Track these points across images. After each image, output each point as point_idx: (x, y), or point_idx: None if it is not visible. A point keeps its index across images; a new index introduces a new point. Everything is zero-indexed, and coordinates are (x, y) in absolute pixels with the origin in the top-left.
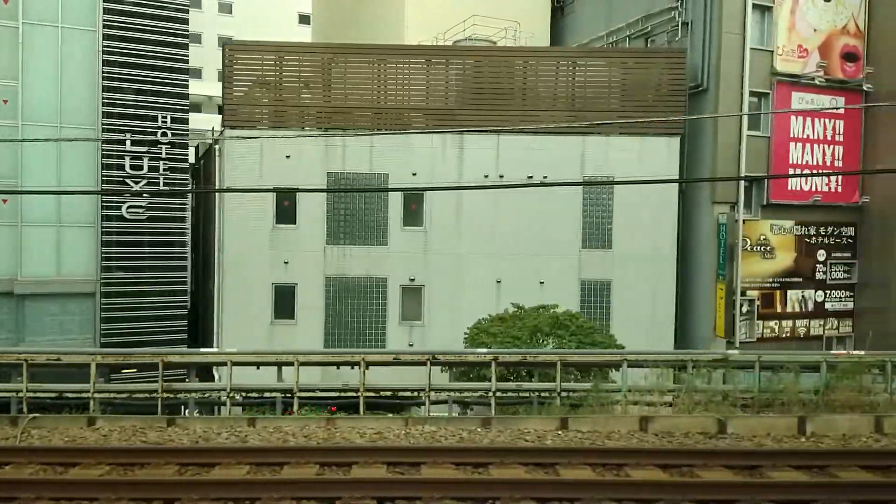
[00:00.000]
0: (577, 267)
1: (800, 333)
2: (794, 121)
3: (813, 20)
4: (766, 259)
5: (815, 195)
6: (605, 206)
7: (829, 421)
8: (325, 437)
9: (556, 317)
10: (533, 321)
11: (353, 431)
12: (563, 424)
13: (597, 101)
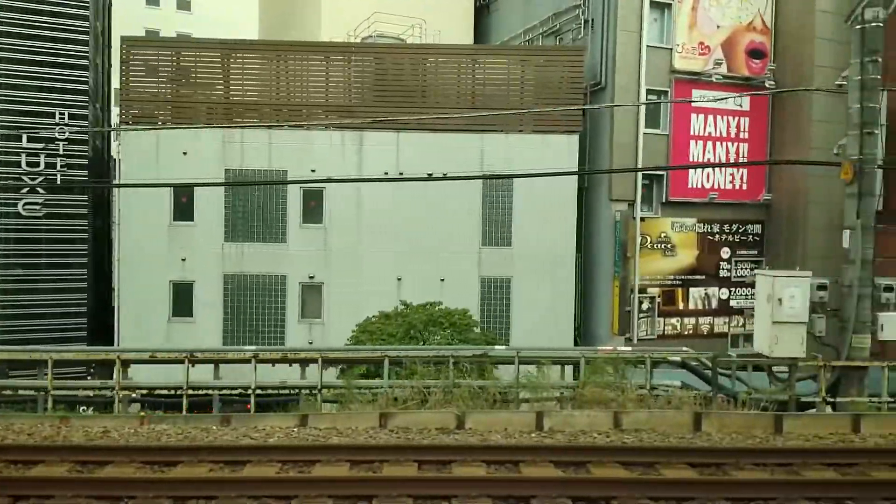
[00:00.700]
0: (477, 264)
1: (703, 331)
2: (694, 119)
3: (716, 17)
4: (667, 257)
5: (712, 192)
6: (505, 204)
7: (568, 417)
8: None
9: (431, 314)
10: (412, 319)
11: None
12: (301, 422)
13: (497, 98)
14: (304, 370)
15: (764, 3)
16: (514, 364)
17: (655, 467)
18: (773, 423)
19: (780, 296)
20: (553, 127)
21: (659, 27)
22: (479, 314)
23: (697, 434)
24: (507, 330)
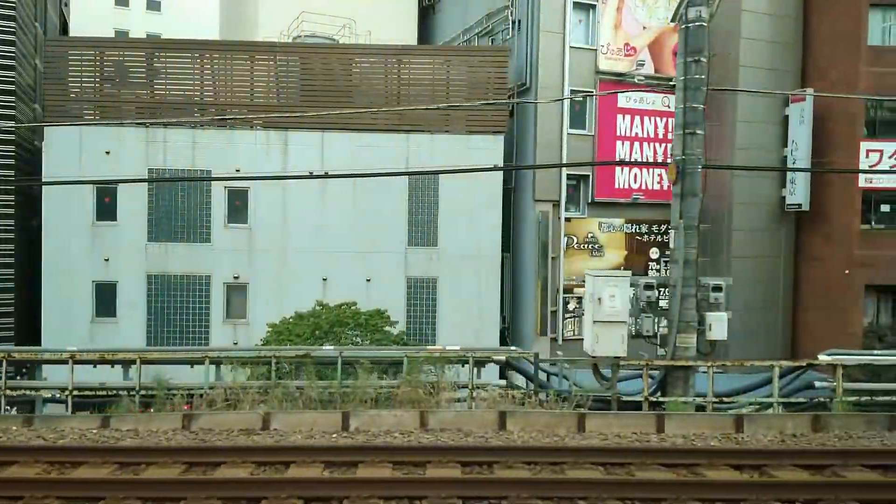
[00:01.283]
0: (403, 264)
1: (630, 331)
2: (620, 119)
3: (642, 18)
4: (595, 257)
5: (636, 193)
6: (432, 205)
7: (375, 417)
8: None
9: (339, 314)
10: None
11: None
12: (104, 424)
13: (423, 99)
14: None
15: None
16: (338, 364)
17: (426, 466)
18: (576, 422)
19: (600, 295)
20: (479, 127)
21: (584, 28)
22: (405, 314)
23: (500, 433)
24: (433, 330)
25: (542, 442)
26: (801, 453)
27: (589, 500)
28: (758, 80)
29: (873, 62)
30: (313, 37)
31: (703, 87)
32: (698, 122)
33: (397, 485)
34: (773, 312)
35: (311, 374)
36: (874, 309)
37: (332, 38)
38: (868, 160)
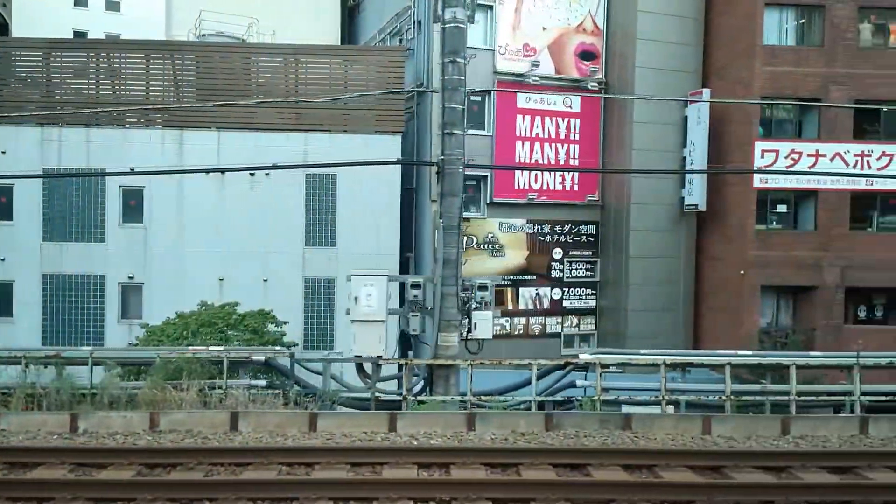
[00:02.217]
0: (301, 265)
1: (535, 331)
2: (520, 120)
3: (542, 19)
4: (495, 257)
5: (531, 193)
6: (330, 205)
7: (105, 418)
8: None
9: (211, 315)
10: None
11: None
12: None
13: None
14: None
15: (595, 5)
16: (90, 363)
17: (107, 468)
18: (308, 422)
19: (357, 294)
20: (378, 127)
21: (482, 28)
22: (302, 315)
23: (231, 433)
24: (331, 331)
25: (265, 443)
26: (503, 452)
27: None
28: (655, 81)
29: (768, 62)
30: (220, 35)
31: (460, 87)
32: (457, 122)
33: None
34: (674, 313)
35: (62, 374)
36: (773, 309)
37: (238, 38)
38: (763, 160)
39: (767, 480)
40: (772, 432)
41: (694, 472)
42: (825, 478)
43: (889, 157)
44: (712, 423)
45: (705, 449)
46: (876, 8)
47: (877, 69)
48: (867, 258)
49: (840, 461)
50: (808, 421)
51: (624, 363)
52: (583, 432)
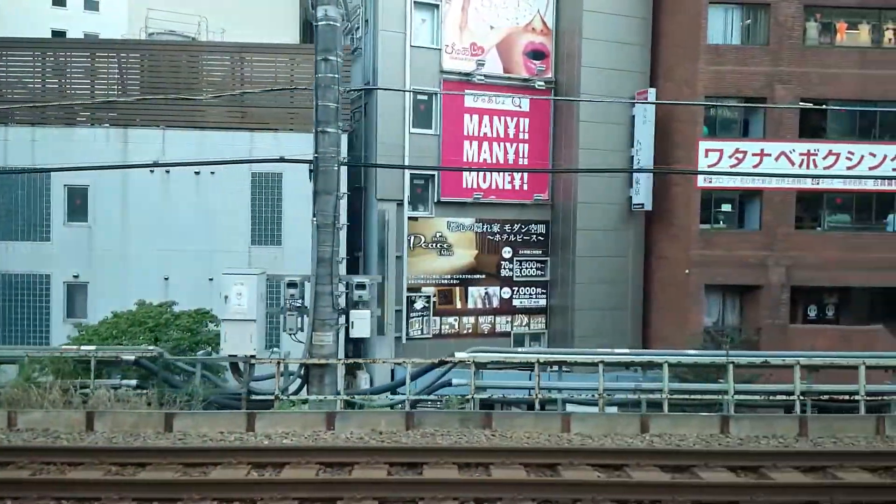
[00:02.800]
0: (247, 263)
1: (483, 330)
2: (467, 119)
3: (489, 18)
4: (443, 256)
5: (477, 192)
6: (275, 204)
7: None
8: None
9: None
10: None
11: None
12: None
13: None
14: None
15: (545, 5)
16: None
17: None
18: (164, 422)
19: (227, 293)
20: None
21: (429, 27)
22: None
23: (86, 433)
24: (277, 331)
25: (114, 443)
26: (344, 451)
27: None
28: (602, 81)
29: (712, 61)
30: (171, 34)
31: (333, 85)
32: (330, 120)
33: None
34: (623, 312)
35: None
36: (719, 308)
37: (188, 36)
38: (708, 159)
39: (593, 479)
40: (632, 430)
41: (526, 469)
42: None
43: (836, 156)
44: (571, 422)
45: (545, 447)
46: (821, 6)
47: (822, 68)
48: (813, 258)
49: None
50: (669, 419)
51: (499, 361)
52: (442, 431)
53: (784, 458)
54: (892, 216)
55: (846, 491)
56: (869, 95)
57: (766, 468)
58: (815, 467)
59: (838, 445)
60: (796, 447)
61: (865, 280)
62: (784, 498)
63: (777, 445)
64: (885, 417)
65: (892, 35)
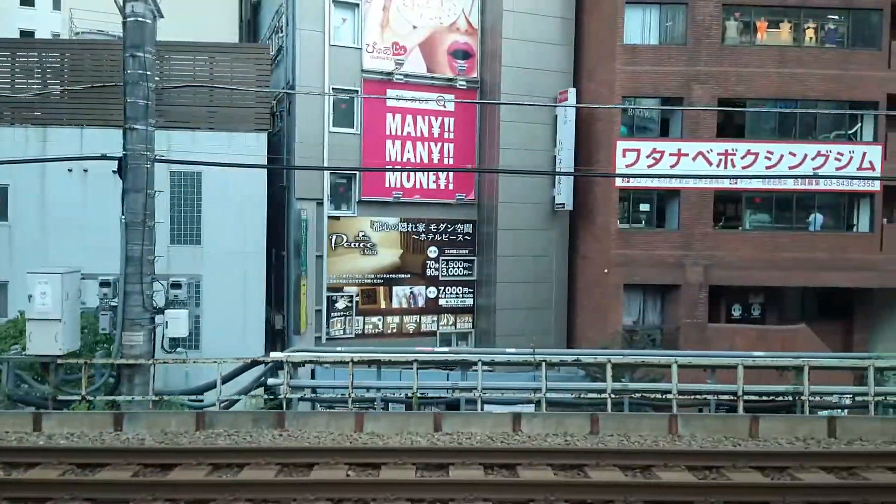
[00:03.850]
0: (166, 263)
1: (409, 329)
2: (390, 118)
3: (412, 18)
4: (367, 255)
5: (396, 192)
6: (194, 203)
7: None
8: None
9: None
10: None
11: None
12: None
13: (185, 95)
14: None
15: (469, 4)
16: None
17: None
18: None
19: (31, 292)
20: (244, 125)
21: (350, 27)
22: None
23: None
24: (197, 330)
25: None
26: (87, 452)
27: None
28: (524, 80)
29: (629, 61)
30: (101, 33)
31: (142, 82)
32: (139, 116)
33: None
34: (547, 311)
35: None
36: (640, 307)
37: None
38: (625, 159)
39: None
40: (424, 429)
41: (272, 469)
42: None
43: (754, 156)
44: (365, 421)
45: (304, 448)
46: (740, 5)
47: (741, 67)
48: (731, 257)
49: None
50: (462, 417)
51: (313, 361)
52: (231, 431)
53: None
54: (814, 216)
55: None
56: (788, 95)
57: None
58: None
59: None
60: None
61: (785, 280)
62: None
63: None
64: (677, 416)
65: (812, 34)
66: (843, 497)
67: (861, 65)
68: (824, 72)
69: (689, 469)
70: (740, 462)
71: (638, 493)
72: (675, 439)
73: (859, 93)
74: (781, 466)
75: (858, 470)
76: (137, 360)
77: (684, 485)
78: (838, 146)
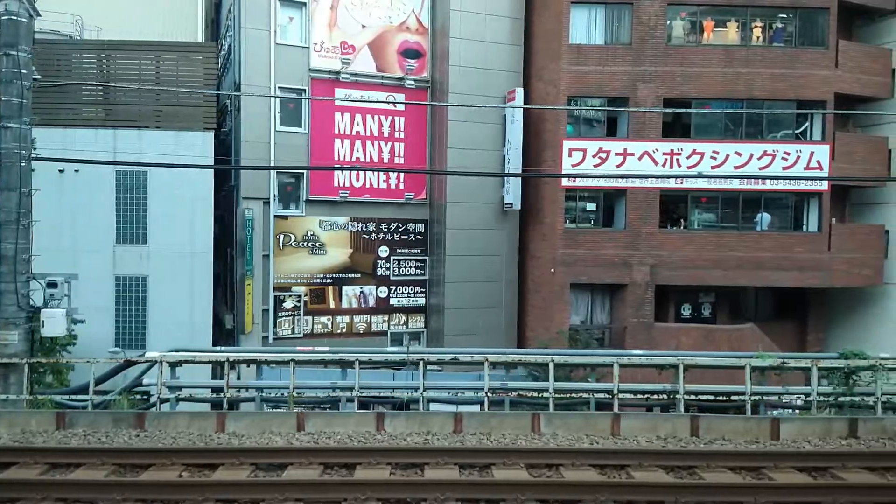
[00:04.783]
0: (111, 262)
1: (359, 329)
2: (339, 117)
3: (360, 17)
4: (315, 255)
5: (343, 190)
6: (140, 202)
7: None
8: None
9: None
10: None
11: None
12: None
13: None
14: None
15: (420, 4)
16: None
17: None
18: None
19: None
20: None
21: (298, 26)
22: (114, 314)
23: None
24: (143, 329)
25: None
26: None
27: None
28: (473, 80)
29: (575, 61)
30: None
31: (16, 80)
32: (13, 115)
33: None
34: (498, 311)
35: None
36: (588, 307)
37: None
38: (571, 159)
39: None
40: (286, 429)
41: (106, 469)
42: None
43: (700, 155)
44: (226, 421)
45: (146, 448)
46: (685, 4)
47: (686, 67)
48: (677, 257)
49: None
50: (324, 418)
51: (188, 361)
52: (89, 431)
53: None
54: (760, 215)
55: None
56: (735, 94)
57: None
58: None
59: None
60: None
61: (731, 279)
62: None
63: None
64: (540, 415)
65: (760, 33)
66: (670, 496)
67: (808, 64)
68: (771, 71)
69: (527, 467)
70: (580, 460)
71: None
72: (535, 437)
73: (806, 92)
74: (621, 464)
75: (699, 469)
76: (11, 360)
77: (517, 483)
78: (785, 145)
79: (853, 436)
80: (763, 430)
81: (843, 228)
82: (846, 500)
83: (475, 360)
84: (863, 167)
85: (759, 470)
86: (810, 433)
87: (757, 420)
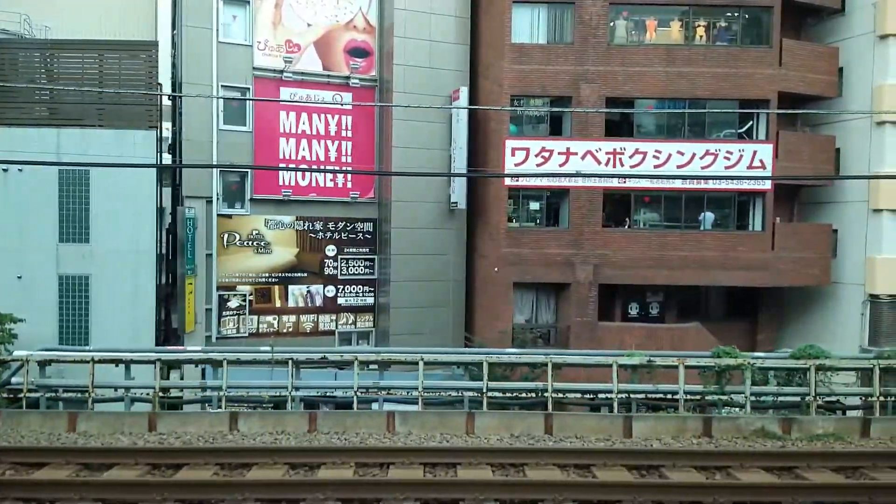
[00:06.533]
0: (54, 261)
1: (306, 328)
2: (284, 116)
3: (306, 15)
4: (261, 254)
5: (286, 189)
6: (83, 200)
7: None
8: None
9: None
10: None
11: None
12: None
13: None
14: None
15: (367, 3)
16: None
17: None
18: None
19: None
20: (134, 123)
21: (241, 24)
22: (57, 314)
23: None
24: (86, 329)
25: None
26: None
27: None
28: (418, 79)
29: (517, 60)
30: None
31: None
32: None
33: None
34: (445, 310)
35: None
36: (532, 306)
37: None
38: (514, 158)
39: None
40: (138, 429)
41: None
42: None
43: (642, 155)
44: (77, 420)
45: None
46: (627, 4)
47: (628, 66)
48: (620, 256)
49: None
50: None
51: (54, 360)
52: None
53: None
54: (704, 214)
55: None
56: (677, 93)
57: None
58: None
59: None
60: None
61: (675, 279)
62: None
63: None
64: (395, 413)
65: (703, 32)
66: (499, 494)
67: (752, 63)
68: (714, 70)
69: (357, 465)
70: (412, 458)
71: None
72: (389, 436)
73: (750, 91)
74: (450, 462)
75: (527, 467)
76: None
77: (341, 481)
78: (727, 145)
79: (707, 434)
80: (616, 428)
81: (786, 228)
82: (665, 498)
83: (345, 358)
84: (809, 166)
85: (588, 468)
86: (664, 431)
87: (611, 418)
